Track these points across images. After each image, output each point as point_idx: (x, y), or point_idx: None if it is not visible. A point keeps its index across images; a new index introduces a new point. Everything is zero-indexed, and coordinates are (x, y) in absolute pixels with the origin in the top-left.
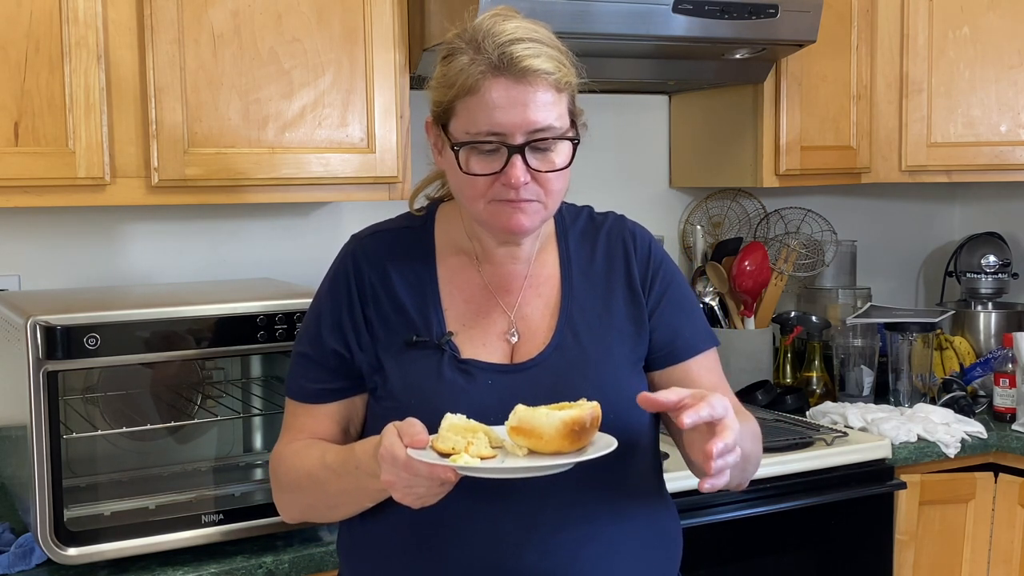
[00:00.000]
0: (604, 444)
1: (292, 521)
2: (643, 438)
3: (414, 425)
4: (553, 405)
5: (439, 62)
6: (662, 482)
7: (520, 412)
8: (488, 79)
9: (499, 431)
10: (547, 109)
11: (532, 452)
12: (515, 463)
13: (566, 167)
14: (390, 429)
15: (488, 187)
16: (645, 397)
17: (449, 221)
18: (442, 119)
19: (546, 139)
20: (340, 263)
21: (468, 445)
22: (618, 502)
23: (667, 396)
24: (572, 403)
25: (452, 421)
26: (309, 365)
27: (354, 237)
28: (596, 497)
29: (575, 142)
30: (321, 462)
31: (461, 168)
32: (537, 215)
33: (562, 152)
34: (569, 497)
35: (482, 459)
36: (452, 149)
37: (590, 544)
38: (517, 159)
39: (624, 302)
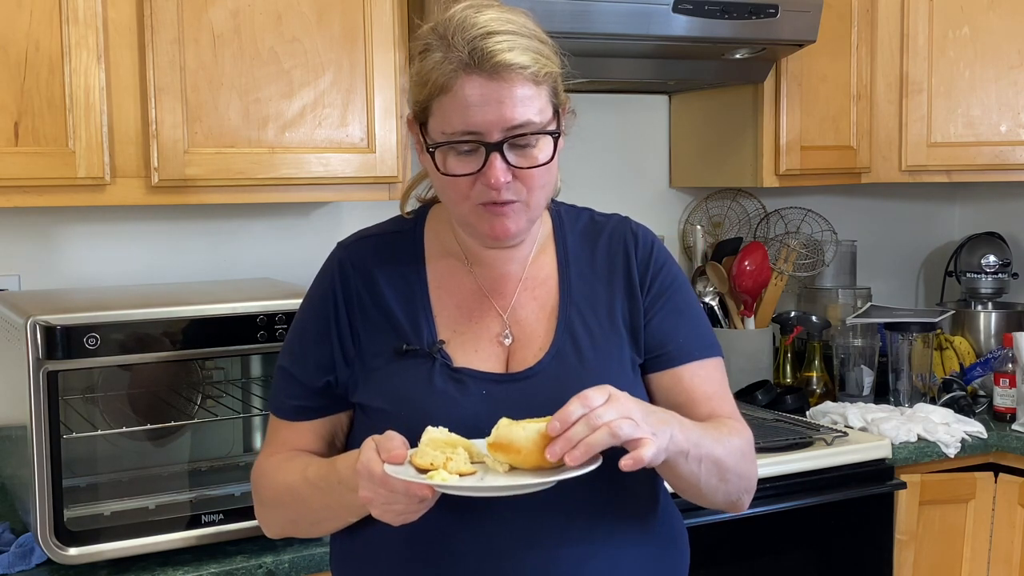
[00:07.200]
0: (588, 460)
1: (274, 536)
2: None
3: (393, 439)
4: (537, 419)
5: (415, 57)
6: (666, 493)
7: (500, 426)
8: (460, 77)
9: (482, 445)
10: (525, 104)
11: (513, 468)
12: (493, 481)
13: (548, 162)
14: (368, 444)
15: (470, 187)
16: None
17: (439, 223)
18: (420, 117)
19: (525, 135)
20: (325, 273)
21: (447, 461)
22: (620, 517)
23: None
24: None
25: (432, 435)
26: (290, 382)
27: (339, 245)
28: (597, 512)
29: (556, 136)
30: (303, 477)
31: (439, 170)
32: (521, 216)
33: (544, 147)
34: (568, 512)
35: (461, 475)
36: (428, 151)
37: (590, 561)
38: (496, 158)
39: (624, 305)
